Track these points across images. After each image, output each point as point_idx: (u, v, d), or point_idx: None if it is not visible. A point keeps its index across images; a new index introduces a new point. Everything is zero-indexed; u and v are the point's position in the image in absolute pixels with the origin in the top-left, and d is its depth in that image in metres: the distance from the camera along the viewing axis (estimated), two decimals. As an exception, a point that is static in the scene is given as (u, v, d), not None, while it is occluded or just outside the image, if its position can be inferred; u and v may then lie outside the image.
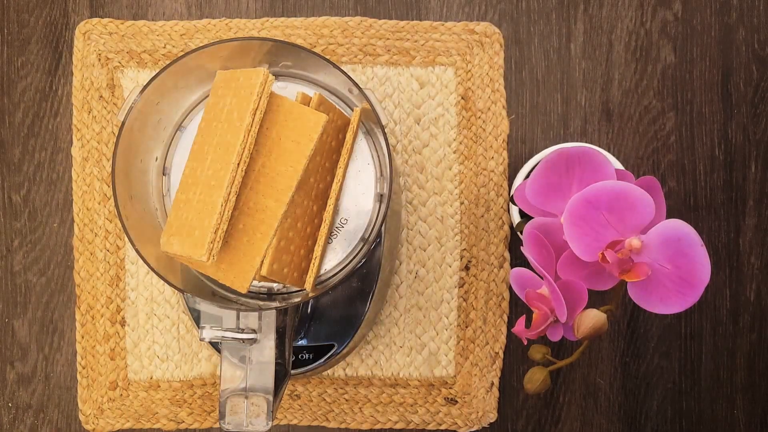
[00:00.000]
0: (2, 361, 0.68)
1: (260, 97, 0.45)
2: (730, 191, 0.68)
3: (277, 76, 0.50)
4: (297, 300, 0.49)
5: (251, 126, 0.45)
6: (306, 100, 0.49)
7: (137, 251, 0.45)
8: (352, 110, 0.51)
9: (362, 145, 0.50)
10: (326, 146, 0.48)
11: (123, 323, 0.68)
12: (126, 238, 0.63)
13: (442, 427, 0.67)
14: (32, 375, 0.68)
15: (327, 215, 0.48)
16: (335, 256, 0.50)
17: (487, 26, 0.68)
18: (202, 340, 0.46)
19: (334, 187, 0.48)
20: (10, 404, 0.68)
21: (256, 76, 0.45)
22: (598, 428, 0.68)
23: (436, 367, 0.68)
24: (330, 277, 0.50)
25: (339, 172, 0.49)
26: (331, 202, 0.48)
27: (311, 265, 0.49)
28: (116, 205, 0.45)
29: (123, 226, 0.45)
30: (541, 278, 0.47)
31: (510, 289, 0.67)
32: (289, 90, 0.50)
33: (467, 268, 0.68)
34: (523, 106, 0.69)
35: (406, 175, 0.68)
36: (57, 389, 0.68)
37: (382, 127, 0.48)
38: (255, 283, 0.50)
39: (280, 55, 0.49)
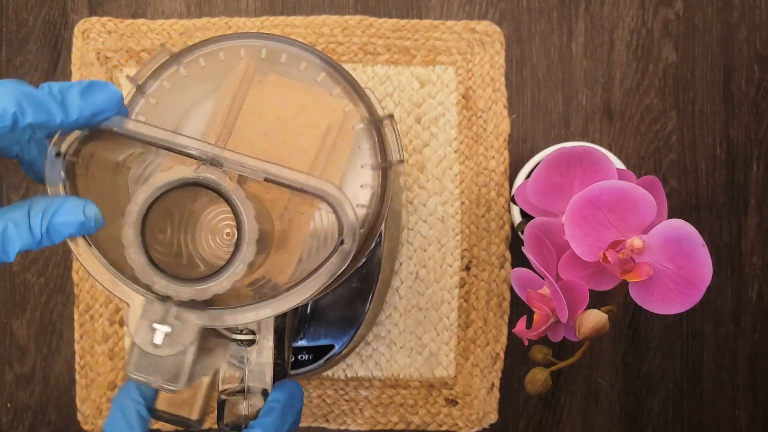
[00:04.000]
0: (1, 362, 0.68)
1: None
2: (732, 191, 0.67)
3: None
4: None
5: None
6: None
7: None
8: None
9: (362, 144, 0.50)
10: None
11: (122, 323, 0.67)
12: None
13: (443, 428, 0.67)
14: (31, 376, 0.68)
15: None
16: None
17: (488, 25, 0.68)
18: (201, 340, 0.46)
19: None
20: (8, 405, 0.68)
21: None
22: (599, 429, 0.67)
23: (437, 368, 0.67)
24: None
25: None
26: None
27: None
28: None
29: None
30: (542, 278, 0.47)
31: (511, 289, 0.67)
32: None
33: (468, 268, 0.67)
34: (524, 106, 0.68)
35: (406, 174, 0.68)
36: (56, 390, 0.68)
37: (382, 127, 0.47)
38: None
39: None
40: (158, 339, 0.38)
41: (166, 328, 0.38)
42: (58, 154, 0.38)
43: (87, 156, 0.40)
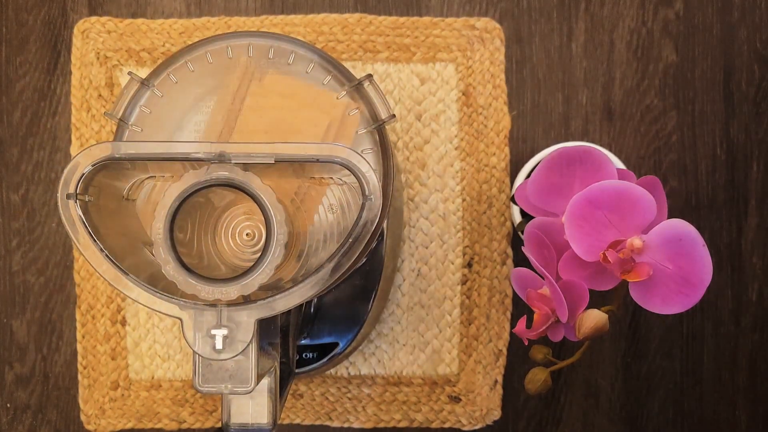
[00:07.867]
0: (1, 362, 0.68)
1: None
2: (732, 191, 0.67)
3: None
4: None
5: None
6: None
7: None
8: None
9: (363, 141, 0.50)
10: None
11: (123, 323, 0.67)
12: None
13: (446, 426, 0.67)
14: (31, 375, 0.68)
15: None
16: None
17: (488, 21, 0.68)
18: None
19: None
20: (8, 405, 0.68)
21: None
22: (599, 429, 0.68)
23: (440, 365, 0.67)
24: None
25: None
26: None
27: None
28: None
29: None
30: (542, 278, 0.47)
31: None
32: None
33: (470, 265, 0.67)
34: (524, 105, 0.68)
35: (407, 172, 0.68)
36: (56, 390, 0.68)
37: (383, 124, 0.47)
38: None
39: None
40: (219, 343, 0.39)
41: (224, 331, 0.39)
42: (68, 196, 0.38)
43: (96, 191, 0.40)
